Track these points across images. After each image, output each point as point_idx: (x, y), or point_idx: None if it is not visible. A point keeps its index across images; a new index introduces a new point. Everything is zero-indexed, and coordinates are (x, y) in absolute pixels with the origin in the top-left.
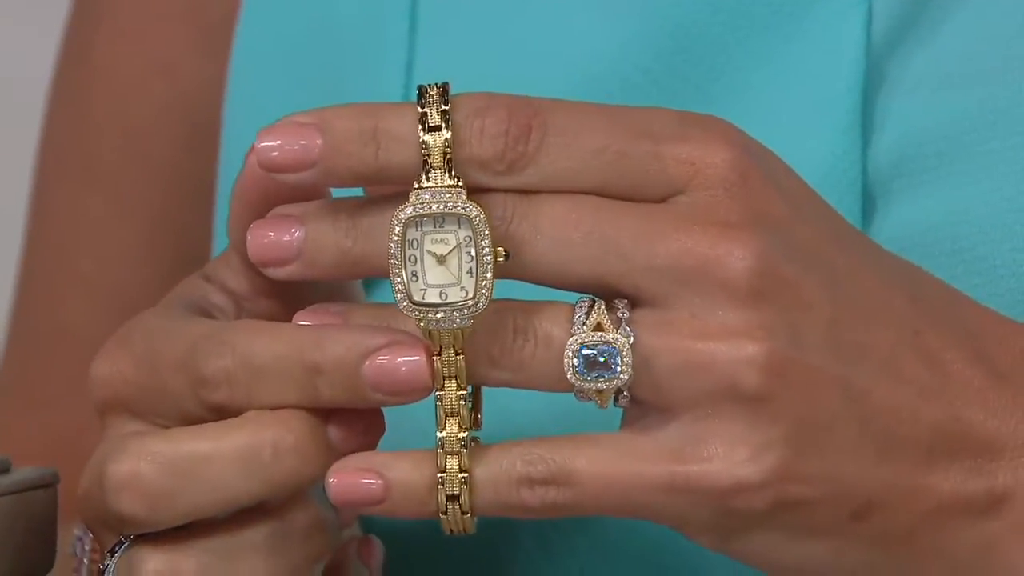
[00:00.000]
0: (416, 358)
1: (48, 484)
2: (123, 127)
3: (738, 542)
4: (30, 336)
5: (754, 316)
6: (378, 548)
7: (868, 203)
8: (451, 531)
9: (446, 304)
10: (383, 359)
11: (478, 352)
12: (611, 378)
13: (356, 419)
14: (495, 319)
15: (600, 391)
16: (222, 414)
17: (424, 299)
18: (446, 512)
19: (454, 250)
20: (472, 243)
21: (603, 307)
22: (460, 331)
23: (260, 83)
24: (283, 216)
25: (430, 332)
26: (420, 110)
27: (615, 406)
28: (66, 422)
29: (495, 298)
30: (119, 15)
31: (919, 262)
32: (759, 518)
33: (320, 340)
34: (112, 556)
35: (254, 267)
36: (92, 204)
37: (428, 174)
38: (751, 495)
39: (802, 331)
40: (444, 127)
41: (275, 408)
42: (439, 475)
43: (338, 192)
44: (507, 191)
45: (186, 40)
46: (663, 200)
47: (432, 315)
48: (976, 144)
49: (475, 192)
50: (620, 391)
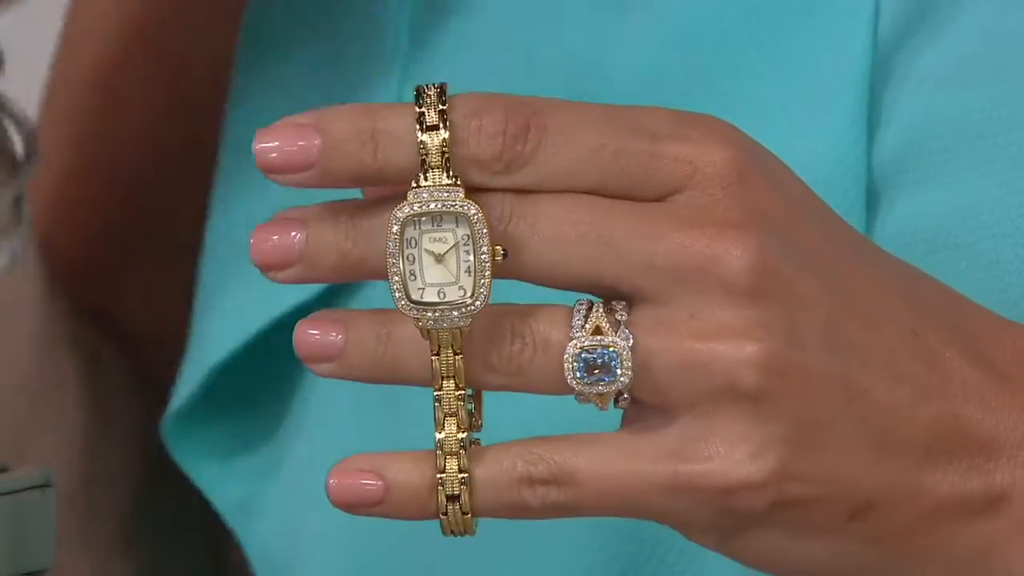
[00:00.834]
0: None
1: (46, 484)
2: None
3: (738, 542)
4: None
5: (753, 315)
6: None
7: (872, 199)
8: (452, 532)
9: (444, 303)
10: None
11: (476, 357)
12: (611, 382)
13: None
14: (492, 323)
15: (600, 394)
16: None
17: (422, 298)
18: (446, 513)
19: (452, 249)
20: (470, 242)
21: (601, 309)
22: (459, 331)
23: (262, 88)
24: (286, 219)
25: (428, 332)
26: (418, 110)
27: (616, 407)
28: None
29: (493, 302)
30: None
31: (923, 258)
32: (759, 517)
33: None
34: None
35: None
36: None
37: (426, 173)
38: (751, 494)
39: (801, 330)
40: (442, 127)
41: None
42: (439, 476)
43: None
44: (505, 191)
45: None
46: (661, 199)
47: (430, 314)
48: (982, 140)
49: (473, 192)
50: (620, 393)
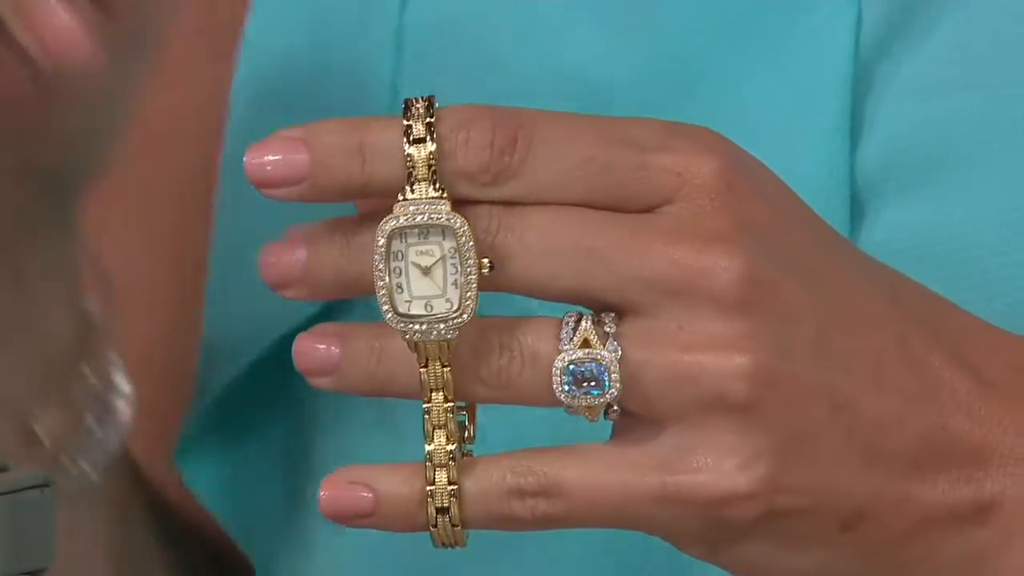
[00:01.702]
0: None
1: (45, 484)
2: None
3: (728, 552)
4: None
5: (741, 326)
6: None
7: (856, 208)
8: (442, 544)
9: (431, 316)
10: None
11: (465, 370)
12: (600, 394)
13: None
14: (480, 336)
15: (590, 407)
16: None
17: (409, 311)
18: (436, 525)
19: (439, 262)
20: (457, 255)
21: (590, 322)
22: (446, 343)
23: (260, 101)
24: (290, 238)
25: (416, 344)
26: (405, 123)
27: (605, 419)
28: None
29: (481, 315)
30: None
31: (908, 267)
32: (749, 528)
33: None
34: None
35: None
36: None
37: (413, 186)
38: (741, 505)
39: (789, 341)
40: (429, 139)
41: None
42: (428, 488)
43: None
44: (493, 203)
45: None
46: (649, 210)
47: (416, 327)
48: (965, 149)
49: (461, 204)
50: (610, 405)
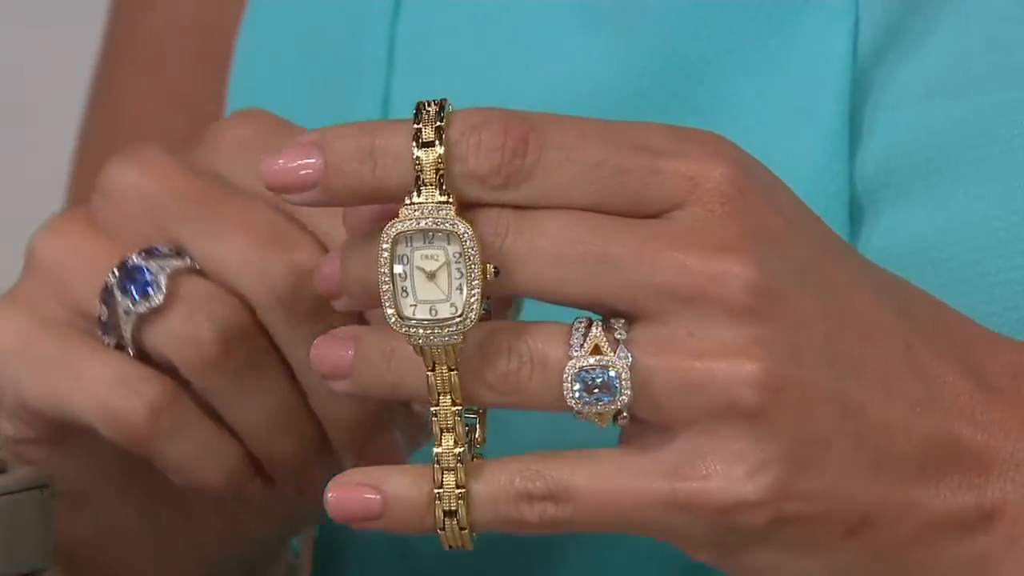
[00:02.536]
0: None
1: (43, 485)
2: None
3: (736, 558)
4: None
5: (751, 333)
6: None
7: (856, 214)
8: (450, 547)
9: (435, 320)
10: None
11: (473, 375)
12: (610, 401)
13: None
14: (488, 341)
15: (600, 414)
16: None
17: (414, 315)
18: (444, 528)
19: (443, 266)
20: (461, 259)
21: (600, 328)
22: (452, 347)
23: (256, 96)
24: (330, 258)
25: (421, 348)
26: (415, 126)
27: (615, 425)
28: None
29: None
30: (141, 50)
31: (907, 273)
32: (757, 535)
33: None
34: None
35: None
36: None
37: (420, 190)
38: (750, 512)
39: (799, 348)
40: (438, 143)
41: None
42: (436, 491)
43: None
44: (503, 207)
45: (202, 74)
46: (660, 215)
47: (421, 331)
48: (963, 154)
49: (471, 208)
50: (620, 412)
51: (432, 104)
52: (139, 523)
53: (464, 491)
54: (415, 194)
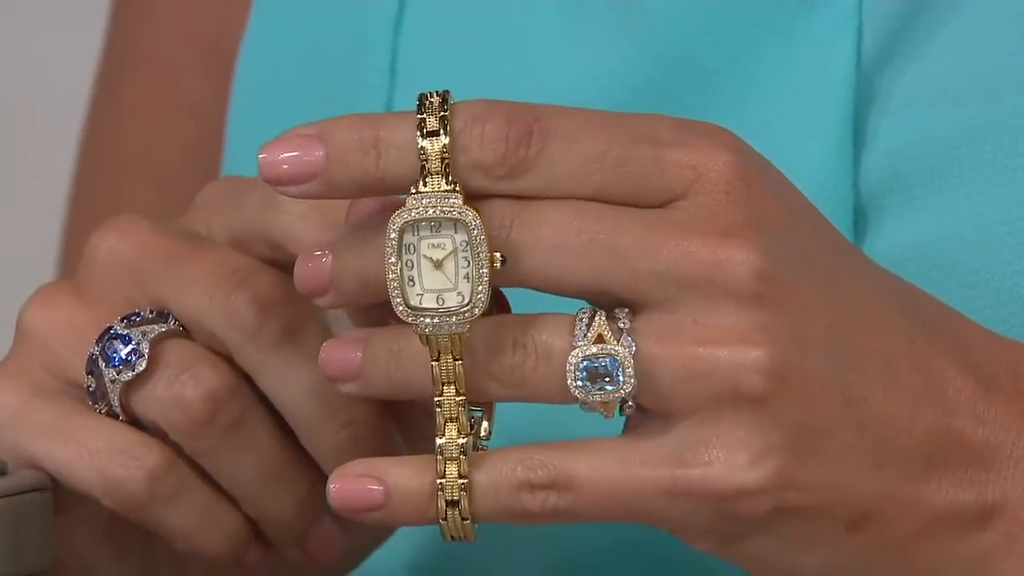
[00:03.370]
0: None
1: (43, 488)
2: (151, 168)
3: (736, 548)
4: None
5: (756, 319)
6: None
7: (860, 219)
8: (452, 538)
9: (442, 309)
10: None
11: (478, 368)
12: (614, 390)
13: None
14: (493, 334)
15: (605, 403)
16: None
17: (421, 304)
18: (446, 518)
19: (450, 255)
20: (468, 248)
21: (604, 318)
22: (458, 337)
23: (259, 104)
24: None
25: (427, 338)
26: (419, 116)
27: (621, 415)
28: None
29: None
30: (146, 59)
31: (912, 277)
32: (757, 524)
33: None
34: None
35: None
36: None
37: (426, 179)
38: (750, 500)
39: (803, 336)
40: (442, 133)
41: None
42: (438, 481)
43: None
44: (508, 197)
45: (208, 83)
46: (664, 205)
47: (428, 320)
48: (967, 159)
49: (476, 199)
50: (625, 401)
51: (435, 95)
52: None
53: (466, 481)
54: (421, 183)
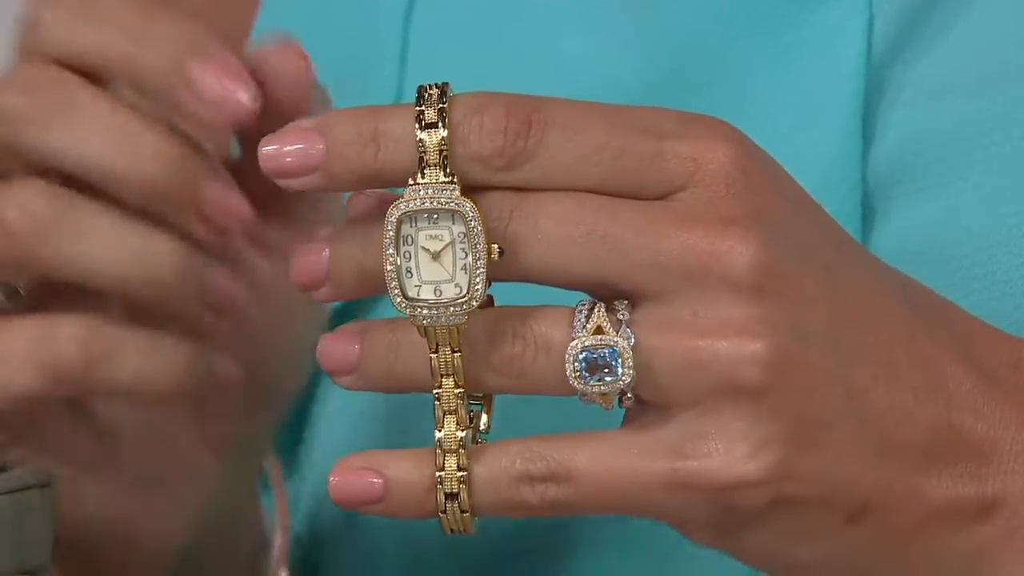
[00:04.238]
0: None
1: (45, 484)
2: None
3: (735, 539)
4: None
5: (756, 311)
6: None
7: (868, 210)
8: (451, 531)
9: (440, 300)
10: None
11: (478, 360)
12: (613, 381)
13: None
14: (492, 326)
15: (603, 394)
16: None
17: (418, 295)
18: (445, 511)
19: (448, 246)
20: (466, 239)
21: (603, 309)
22: (456, 328)
23: None
24: (315, 241)
25: (425, 330)
26: (417, 108)
27: (620, 407)
28: None
29: (496, 306)
30: None
31: (919, 269)
32: (757, 516)
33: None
34: None
35: None
36: None
37: (424, 171)
38: (750, 492)
39: (803, 328)
40: (441, 125)
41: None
42: (437, 474)
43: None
44: (507, 189)
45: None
46: (663, 197)
47: (425, 311)
48: (976, 152)
49: (475, 190)
50: (624, 393)
51: (434, 87)
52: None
53: (465, 474)
54: (419, 175)
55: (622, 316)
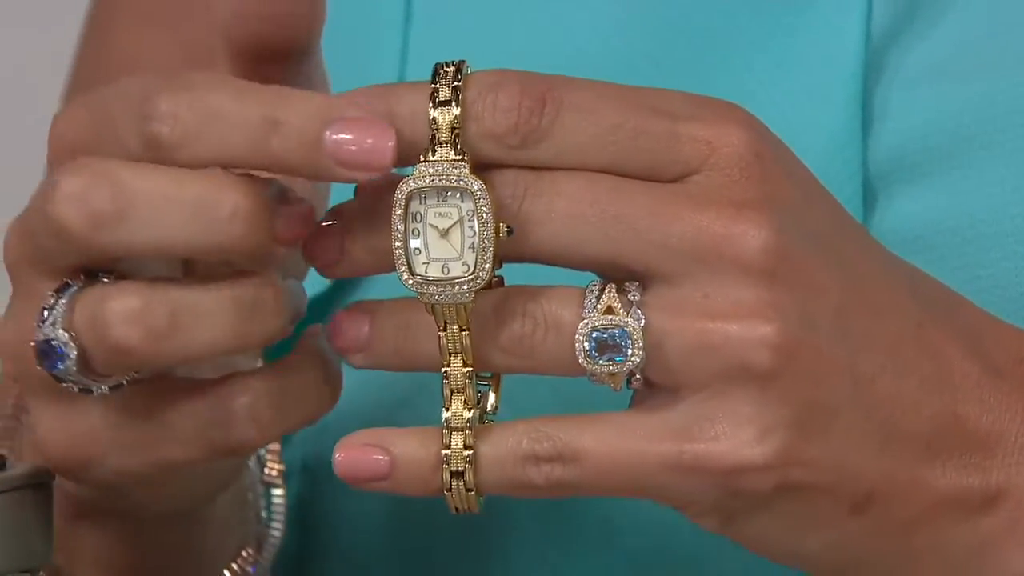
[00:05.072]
0: (384, 140)
1: (43, 481)
2: None
3: (739, 525)
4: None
5: (766, 295)
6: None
7: (869, 196)
8: (456, 510)
9: (447, 278)
10: (347, 134)
11: (487, 339)
12: (623, 361)
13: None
14: (502, 305)
15: (612, 374)
16: (161, 154)
17: (426, 272)
18: (450, 489)
19: (456, 224)
20: (475, 217)
21: (614, 290)
22: (463, 307)
23: None
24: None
25: (433, 307)
26: (432, 86)
27: (628, 388)
28: None
29: (506, 285)
30: (141, 4)
31: (919, 255)
32: (762, 501)
33: (288, 97)
34: (60, 295)
35: None
36: None
37: (435, 149)
38: (755, 476)
39: (813, 313)
40: (455, 103)
41: (217, 158)
42: (444, 452)
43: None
44: (520, 167)
45: (207, 27)
46: (677, 180)
47: (433, 288)
48: (977, 137)
49: (489, 168)
50: (633, 373)
51: (450, 65)
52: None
53: (472, 452)
54: (430, 152)
55: (633, 297)
